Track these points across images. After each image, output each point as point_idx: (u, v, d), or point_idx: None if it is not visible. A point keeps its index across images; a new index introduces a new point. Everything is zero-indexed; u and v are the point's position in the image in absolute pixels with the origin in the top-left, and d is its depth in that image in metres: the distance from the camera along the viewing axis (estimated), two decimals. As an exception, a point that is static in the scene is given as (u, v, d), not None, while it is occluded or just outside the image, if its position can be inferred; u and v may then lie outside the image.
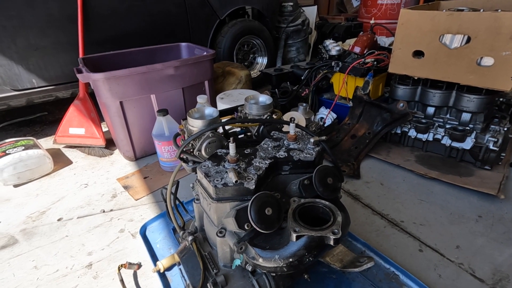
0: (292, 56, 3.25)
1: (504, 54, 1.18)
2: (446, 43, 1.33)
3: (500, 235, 1.11)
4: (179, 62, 1.53)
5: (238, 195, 0.68)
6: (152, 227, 1.19)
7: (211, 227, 0.76)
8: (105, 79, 1.37)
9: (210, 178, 0.68)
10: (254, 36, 2.56)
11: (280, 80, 2.14)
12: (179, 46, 1.99)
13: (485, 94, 1.35)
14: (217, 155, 0.78)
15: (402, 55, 1.48)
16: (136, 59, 1.83)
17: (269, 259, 0.64)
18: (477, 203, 1.27)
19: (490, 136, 1.38)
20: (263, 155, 0.78)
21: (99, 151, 1.76)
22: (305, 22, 3.17)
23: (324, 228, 0.63)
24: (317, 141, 0.81)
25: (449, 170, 1.45)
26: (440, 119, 1.53)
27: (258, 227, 0.62)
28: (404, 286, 0.92)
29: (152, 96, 1.54)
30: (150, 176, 1.53)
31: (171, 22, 2.11)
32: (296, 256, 0.63)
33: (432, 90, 1.48)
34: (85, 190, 1.45)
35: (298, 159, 0.77)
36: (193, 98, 1.68)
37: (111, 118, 1.51)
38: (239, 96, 1.38)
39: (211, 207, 0.71)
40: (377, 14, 3.94)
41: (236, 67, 2.07)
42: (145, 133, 1.61)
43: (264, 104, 0.92)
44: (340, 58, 1.92)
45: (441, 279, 0.95)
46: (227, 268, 0.75)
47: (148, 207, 1.32)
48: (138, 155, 1.66)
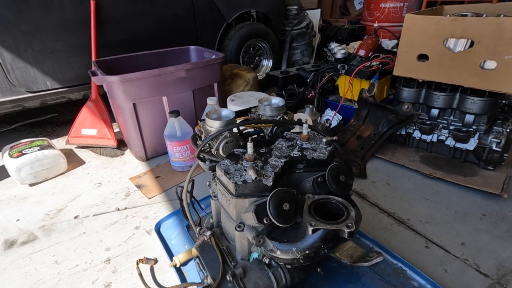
0: (297, 59, 3.30)
1: (507, 58, 1.22)
2: (450, 47, 1.37)
3: (504, 233, 1.14)
4: (191, 65, 1.58)
5: (256, 192, 0.72)
6: (166, 224, 1.23)
7: (230, 222, 0.80)
8: (120, 81, 1.42)
9: (230, 176, 0.73)
10: (260, 39, 2.61)
11: (287, 82, 2.19)
12: (188, 49, 2.04)
13: (488, 96, 1.39)
14: (234, 154, 0.83)
15: (407, 58, 1.52)
16: (147, 62, 1.89)
17: (286, 251, 0.68)
18: (481, 202, 1.30)
19: (493, 137, 1.41)
20: (279, 154, 0.82)
21: (111, 151, 1.80)
22: (309, 25, 3.23)
23: (338, 222, 0.67)
24: (329, 141, 0.85)
25: (453, 170, 1.49)
26: (444, 121, 1.57)
27: (277, 221, 0.67)
28: (411, 280, 0.96)
29: (163, 98, 1.59)
30: (162, 176, 1.57)
31: (180, 25, 2.17)
32: (313, 248, 0.67)
33: (436, 93, 1.52)
34: (99, 189, 1.50)
35: (311, 158, 0.81)
36: (202, 100, 1.73)
37: (124, 119, 1.56)
38: (249, 98, 1.42)
39: (230, 203, 0.76)
40: (380, 17, 3.99)
41: (244, 70, 2.11)
42: (156, 134, 1.66)
43: (277, 106, 0.96)
44: (345, 61, 1.97)
45: (447, 274, 0.99)
46: (244, 261, 0.80)
47: (161, 205, 1.36)
48: (149, 155, 1.71)
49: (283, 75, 2.18)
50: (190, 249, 1.06)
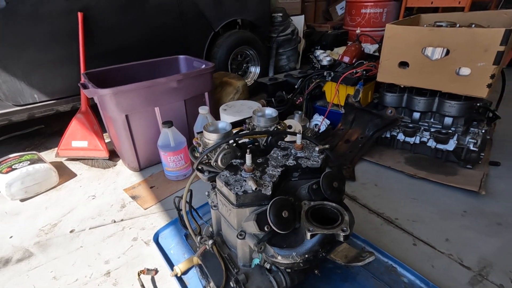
0: (283, 64, 3.37)
1: (480, 65, 1.32)
2: (428, 55, 1.46)
3: (484, 228, 1.23)
4: (182, 76, 1.60)
5: (256, 201, 0.76)
6: (164, 234, 1.25)
7: (231, 230, 0.84)
8: (112, 94, 1.43)
9: (231, 187, 0.76)
10: (248, 47, 2.66)
11: (275, 89, 2.24)
12: (178, 59, 2.06)
13: (465, 100, 1.48)
14: (233, 165, 0.86)
15: (389, 65, 1.60)
16: (137, 72, 1.90)
17: (287, 256, 0.72)
18: (462, 199, 1.39)
19: (470, 138, 1.51)
20: (275, 163, 0.86)
21: (102, 162, 1.80)
22: (294, 31, 3.31)
23: (334, 226, 0.72)
24: (322, 149, 0.90)
25: (436, 170, 1.58)
26: (425, 123, 1.66)
27: (277, 228, 0.71)
28: (402, 277, 1.02)
29: (156, 109, 1.60)
30: (156, 186, 1.59)
31: (169, 35, 2.19)
32: (312, 252, 0.72)
33: (417, 97, 1.61)
34: (94, 201, 1.49)
35: (306, 166, 0.86)
36: (194, 109, 1.76)
37: (117, 131, 1.57)
38: (241, 107, 1.46)
39: (231, 212, 0.79)
40: (361, 22, 4.13)
41: (233, 78, 2.16)
42: (149, 144, 1.67)
43: (271, 117, 1.01)
44: (331, 67, 2.04)
45: (434, 269, 1.06)
46: (246, 267, 0.83)
47: (158, 215, 1.38)
48: (142, 165, 1.72)
49: (272, 82, 2.23)
50: (191, 257, 1.09)
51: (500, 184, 1.49)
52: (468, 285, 1.00)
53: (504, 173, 1.57)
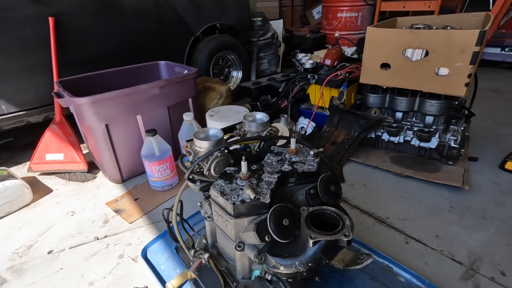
0: (264, 68, 3.38)
1: (457, 65, 1.38)
2: (408, 57, 1.51)
3: (470, 222, 1.27)
4: (165, 82, 1.55)
5: (255, 210, 0.73)
6: (152, 249, 1.18)
7: (228, 242, 0.80)
8: (90, 103, 1.35)
9: (227, 196, 0.73)
10: (229, 51, 2.64)
11: (259, 93, 2.23)
12: (158, 64, 2.00)
13: (444, 99, 1.54)
14: (227, 173, 0.83)
15: (372, 67, 1.64)
16: (116, 79, 1.81)
17: (290, 266, 0.69)
18: (447, 195, 1.43)
19: (451, 135, 1.57)
20: (270, 169, 0.84)
21: (81, 175, 1.69)
22: (274, 35, 3.33)
23: (336, 232, 0.71)
24: (317, 153, 0.89)
25: (420, 167, 1.62)
26: (407, 123, 1.70)
27: (278, 237, 0.68)
28: (398, 276, 1.02)
29: (138, 117, 1.53)
30: (141, 197, 1.51)
31: (148, 40, 2.12)
32: (315, 260, 0.69)
33: (399, 97, 1.66)
34: (73, 218, 1.39)
35: (302, 171, 0.84)
36: (178, 116, 1.70)
37: (96, 142, 1.48)
38: (228, 112, 1.43)
39: (228, 223, 0.76)
40: (338, 26, 4.23)
41: (216, 83, 2.12)
42: (132, 154, 1.59)
43: (262, 122, 0.98)
44: (314, 70, 2.06)
45: (427, 266, 1.07)
46: (245, 280, 0.80)
47: (144, 229, 1.31)
48: (125, 176, 1.63)
49: (255, 86, 2.22)
50: (184, 272, 1.03)
51: (480, 178, 1.55)
52: (461, 280, 1.02)
53: (482, 168, 1.64)
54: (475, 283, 1.00)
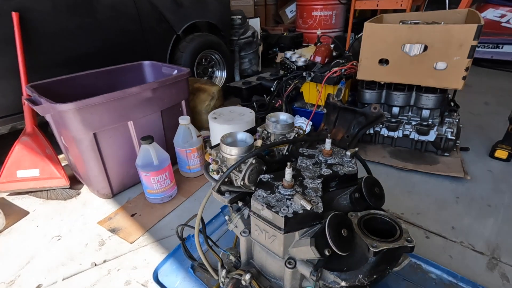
0: (245, 68, 3.29)
1: (455, 59, 1.41)
2: (406, 52, 1.52)
3: (478, 211, 1.30)
4: (158, 84, 1.41)
5: (307, 222, 0.66)
6: (164, 270, 1.06)
7: (273, 259, 0.71)
8: (76, 109, 1.17)
9: (276, 209, 0.65)
10: (213, 50, 2.52)
11: (250, 93, 2.15)
12: (142, 65, 1.83)
13: (439, 92, 1.58)
14: (264, 182, 0.75)
15: (369, 64, 1.63)
16: (95, 83, 1.62)
17: (352, 279, 0.63)
18: (450, 186, 1.47)
19: (447, 128, 1.62)
20: (309, 174, 0.77)
21: (62, 193, 1.49)
22: (255, 33, 3.26)
23: (397, 238, 0.65)
24: (354, 153, 0.84)
25: (419, 160, 1.65)
26: (404, 117, 1.73)
27: (339, 250, 0.61)
28: (429, 273, 1.01)
29: (129, 123, 1.38)
30: (139, 212, 1.36)
31: (127, 39, 1.93)
32: (378, 271, 0.64)
33: (396, 93, 1.67)
34: (60, 243, 1.21)
35: (343, 173, 0.78)
36: (171, 120, 1.57)
37: (82, 153, 1.30)
38: (232, 115, 1.33)
39: (275, 238, 0.67)
40: (313, 24, 4.28)
41: (205, 83, 2.00)
42: (123, 165, 1.43)
43: (289, 123, 0.91)
44: (307, 68, 2.02)
45: (453, 260, 1.07)
46: (293, 299, 0.72)
47: (149, 248, 1.17)
48: (115, 190, 1.46)
49: (246, 86, 2.13)
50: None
51: (474, 168, 1.61)
52: (488, 270, 1.03)
53: (474, 157, 1.71)
54: (501, 271, 1.02)
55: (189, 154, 1.51)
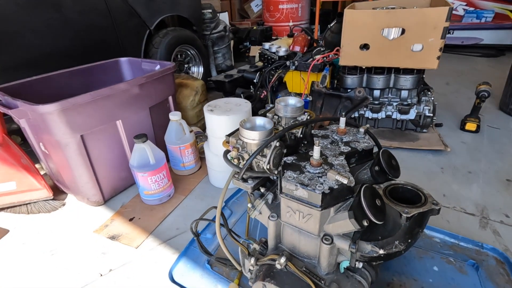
0: (219, 63, 3.24)
1: (430, 40, 1.52)
2: (385, 36, 1.60)
3: (461, 178, 1.42)
4: (145, 78, 1.33)
5: (341, 197, 0.67)
6: (179, 270, 1.01)
7: (307, 239, 0.72)
8: (61, 110, 1.07)
9: (311, 187, 0.65)
10: (188, 46, 2.44)
11: (233, 86, 2.12)
12: (118, 62, 1.72)
13: (416, 73, 1.69)
14: (289, 163, 0.74)
15: (351, 49, 1.69)
16: (69, 83, 1.50)
17: (389, 247, 0.65)
18: (434, 159, 1.58)
19: (425, 106, 1.74)
20: (330, 153, 0.78)
21: (45, 205, 1.35)
22: (226, 27, 3.21)
23: (424, 203, 0.69)
24: (366, 130, 0.87)
25: (402, 138, 1.76)
26: (385, 99, 1.83)
27: (376, 219, 0.63)
28: (433, 238, 1.08)
29: (118, 123, 1.29)
30: (137, 216, 1.28)
31: (98, 36, 1.80)
32: (412, 234, 0.67)
33: (376, 76, 1.76)
34: (55, 258, 1.10)
35: (362, 149, 0.81)
36: (160, 117, 1.50)
37: (69, 159, 1.19)
38: (228, 106, 1.30)
39: (311, 217, 0.68)
40: (280, 17, 4.34)
41: (188, 79, 1.93)
42: (113, 169, 1.34)
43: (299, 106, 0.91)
44: (288, 58, 2.05)
45: (450, 223, 1.16)
46: (330, 275, 0.73)
47: (158, 250, 1.11)
48: (107, 196, 1.37)
49: (229, 79, 2.10)
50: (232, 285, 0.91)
51: (449, 140, 1.75)
52: (481, 228, 1.13)
53: (448, 132, 1.86)
54: (492, 228, 1.13)
55: (183, 151, 1.46)
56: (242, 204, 1.32)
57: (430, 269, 0.96)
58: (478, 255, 1.00)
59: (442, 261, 0.99)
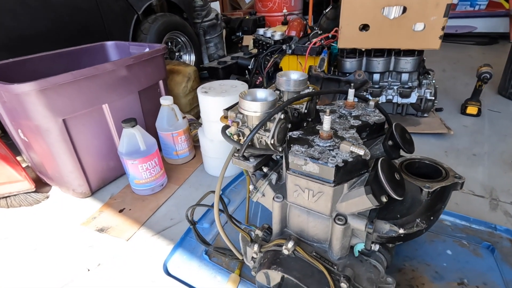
0: (212, 53, 3.13)
1: (432, 19, 1.46)
2: (386, 15, 1.53)
3: (466, 161, 1.38)
4: (133, 59, 1.23)
5: (356, 171, 0.60)
6: (174, 261, 0.94)
7: (317, 220, 0.65)
8: (39, 90, 0.97)
9: (322, 160, 0.57)
10: (178, 32, 2.33)
11: (227, 73, 2.04)
12: (104, 46, 1.61)
13: (417, 55, 1.63)
14: (295, 138, 0.67)
15: (350, 30, 1.62)
16: (50, 67, 1.39)
17: (410, 226, 0.59)
18: (437, 143, 1.54)
19: (426, 89, 1.68)
20: (340, 127, 0.71)
21: (27, 198, 1.25)
22: (218, 16, 3.11)
23: (446, 177, 0.63)
24: (376, 103, 0.80)
25: (403, 123, 1.68)
26: (385, 83, 1.76)
27: (396, 194, 0.56)
28: (444, 221, 1.02)
29: (104, 107, 1.19)
30: (127, 207, 1.19)
31: (81, 19, 1.68)
32: (435, 211, 0.60)
33: (376, 59, 1.69)
34: (38, 253, 1.01)
35: (373, 122, 0.74)
36: (150, 102, 1.41)
37: (51, 146, 1.09)
38: (223, 87, 1.22)
39: (322, 195, 0.60)
40: (273, 7, 4.25)
41: (179, 65, 1.84)
42: (101, 157, 1.25)
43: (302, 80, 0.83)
44: (284, 42, 1.97)
45: (460, 206, 1.11)
46: (341, 260, 0.66)
47: (150, 242, 1.03)
48: (94, 187, 1.27)
49: (222, 65, 2.01)
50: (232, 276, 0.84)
51: (451, 125, 1.70)
52: (491, 210, 1.08)
53: (448, 116, 1.82)
54: (503, 210, 1.08)
55: (176, 138, 1.37)
56: (240, 193, 1.24)
57: (443, 252, 0.91)
58: (492, 237, 0.95)
59: (455, 244, 0.93)
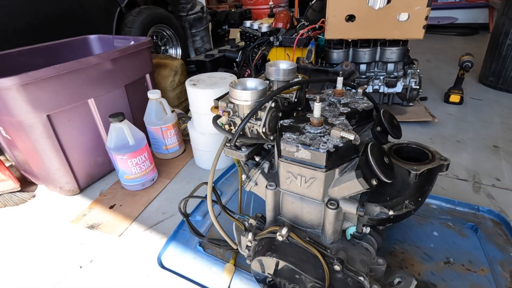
0: (198, 46, 3.09)
1: (416, 9, 1.48)
2: (372, 5, 1.55)
3: (451, 147, 1.42)
4: (118, 52, 1.20)
5: (347, 156, 0.61)
6: (168, 254, 0.93)
7: (310, 206, 0.66)
8: (21, 85, 0.93)
9: (314, 146, 0.58)
10: (164, 26, 2.29)
11: (215, 65, 2.02)
12: (87, 39, 1.57)
13: (402, 45, 1.66)
14: (286, 126, 0.67)
15: (336, 21, 1.63)
16: (31, 62, 1.34)
17: (399, 207, 0.61)
18: (422, 130, 1.58)
19: (411, 78, 1.72)
20: (330, 114, 0.72)
21: (11, 197, 1.22)
22: (203, 9, 3.06)
23: (432, 159, 0.65)
24: (364, 91, 0.81)
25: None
26: (371, 73, 1.79)
27: (386, 177, 0.58)
28: (430, 205, 1.06)
29: (90, 102, 1.16)
30: (118, 203, 1.18)
31: (61, 12, 1.63)
32: (422, 191, 0.62)
33: (362, 49, 1.71)
34: (27, 252, 0.99)
35: (362, 109, 0.75)
36: (137, 97, 1.39)
37: (35, 143, 1.06)
38: (212, 80, 1.21)
39: (314, 181, 0.61)
40: (259, 0, 4.21)
41: (166, 58, 1.80)
42: (88, 153, 1.22)
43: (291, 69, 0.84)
44: (271, 34, 1.96)
45: (445, 190, 1.15)
46: (335, 244, 0.67)
47: (143, 237, 1.02)
48: (82, 184, 1.25)
49: (209, 58, 1.99)
50: (228, 266, 0.84)
51: (436, 113, 1.75)
52: (474, 193, 1.13)
53: (433, 104, 1.87)
54: (485, 192, 1.12)
55: (165, 132, 1.35)
56: (232, 185, 1.25)
57: (431, 234, 0.94)
58: (475, 218, 0.99)
59: (442, 226, 0.97)
